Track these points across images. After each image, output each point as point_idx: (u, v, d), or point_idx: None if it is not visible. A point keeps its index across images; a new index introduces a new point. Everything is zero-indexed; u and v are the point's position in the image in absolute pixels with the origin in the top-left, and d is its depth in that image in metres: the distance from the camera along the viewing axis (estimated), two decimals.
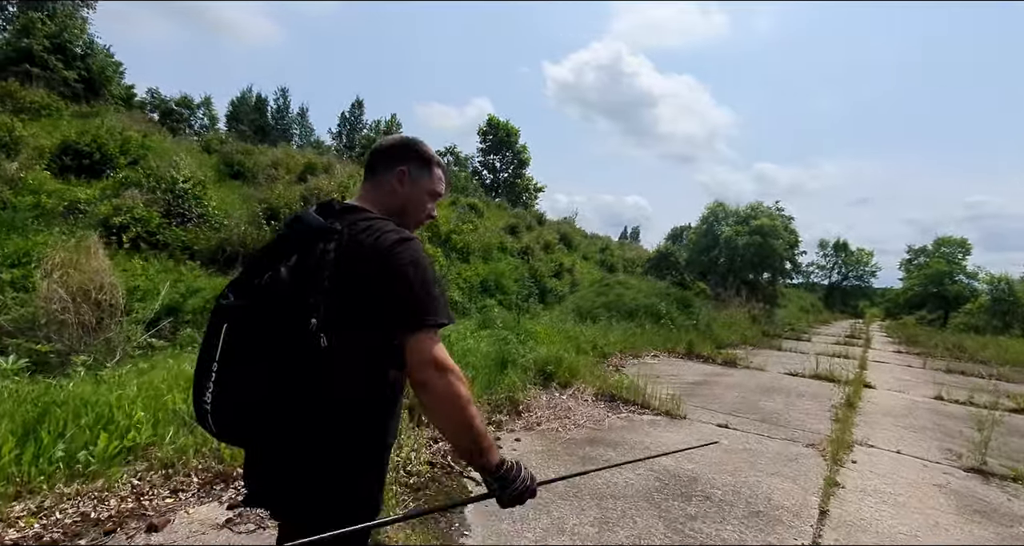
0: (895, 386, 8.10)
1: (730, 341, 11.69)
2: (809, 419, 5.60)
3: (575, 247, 23.98)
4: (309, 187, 12.38)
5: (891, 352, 13.69)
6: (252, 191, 11.79)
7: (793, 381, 7.81)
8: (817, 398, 6.67)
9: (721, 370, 8.41)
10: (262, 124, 53.16)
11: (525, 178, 34.43)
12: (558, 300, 14.12)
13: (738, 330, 12.99)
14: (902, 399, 7.09)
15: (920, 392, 7.72)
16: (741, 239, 20.26)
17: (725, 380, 7.54)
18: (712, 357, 9.23)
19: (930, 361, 11.85)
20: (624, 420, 5.14)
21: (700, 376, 7.72)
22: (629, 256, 26.41)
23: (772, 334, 15.28)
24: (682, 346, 9.71)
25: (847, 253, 45.37)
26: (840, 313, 42.39)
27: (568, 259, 18.85)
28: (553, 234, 23.39)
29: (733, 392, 6.72)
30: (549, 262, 16.78)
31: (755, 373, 8.33)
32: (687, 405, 5.84)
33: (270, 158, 14.98)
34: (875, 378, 8.64)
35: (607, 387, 5.87)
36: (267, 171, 13.69)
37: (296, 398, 1.09)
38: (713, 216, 22.65)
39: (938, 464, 4.50)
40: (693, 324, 11.50)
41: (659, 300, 11.91)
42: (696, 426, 5.08)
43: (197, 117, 44.01)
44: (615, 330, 9.86)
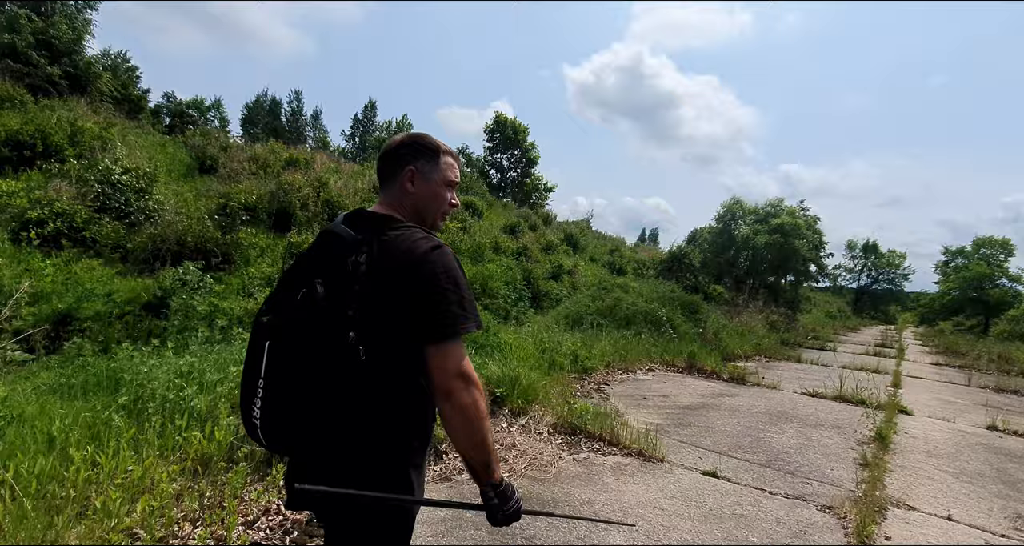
0: (937, 411, 6.72)
1: (742, 352, 10.36)
2: (828, 462, 4.34)
3: (582, 248, 22.72)
4: (281, 181, 11.49)
5: (928, 364, 12.14)
6: (219, 186, 10.92)
7: (811, 404, 6.51)
8: (840, 429, 5.38)
9: (725, 389, 7.14)
10: (276, 127, 53.42)
11: (534, 177, 33.23)
12: (555, 304, 12.96)
13: (752, 339, 11.62)
14: (947, 430, 5.75)
15: (968, 419, 6.34)
16: (760, 239, 18.79)
17: (728, 402, 6.28)
18: (716, 372, 7.95)
19: (975, 376, 10.33)
20: (582, 464, 3.97)
21: (698, 397, 6.47)
22: (641, 258, 25.01)
23: (792, 343, 13.83)
24: (682, 359, 8.46)
25: (877, 255, 42.97)
26: (870, 319, 40.12)
27: (569, 261, 17.63)
28: (558, 235, 22.22)
29: (735, 420, 5.47)
30: (547, 264, 15.61)
31: (766, 393, 7.04)
32: (672, 440, 4.64)
33: (250, 153, 14.16)
34: (912, 399, 7.26)
35: (570, 416, 4.70)
36: (239, 166, 12.85)
37: (339, 410, 1.12)
38: (730, 214, 21.21)
39: (1004, 538, 3.23)
40: (699, 332, 10.21)
41: (660, 305, 10.64)
42: (675, 474, 3.88)
43: (208, 119, 44.24)
44: (605, 339, 8.65)
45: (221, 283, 7.80)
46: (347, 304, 1.09)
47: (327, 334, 1.09)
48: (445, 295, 1.11)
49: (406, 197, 1.30)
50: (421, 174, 1.30)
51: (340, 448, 1.14)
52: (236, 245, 8.65)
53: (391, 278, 1.11)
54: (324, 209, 11.54)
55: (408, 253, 1.12)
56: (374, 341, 1.10)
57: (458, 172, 1.38)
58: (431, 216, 1.34)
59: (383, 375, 1.12)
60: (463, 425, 1.10)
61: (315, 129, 63.61)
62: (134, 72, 44.70)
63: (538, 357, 6.75)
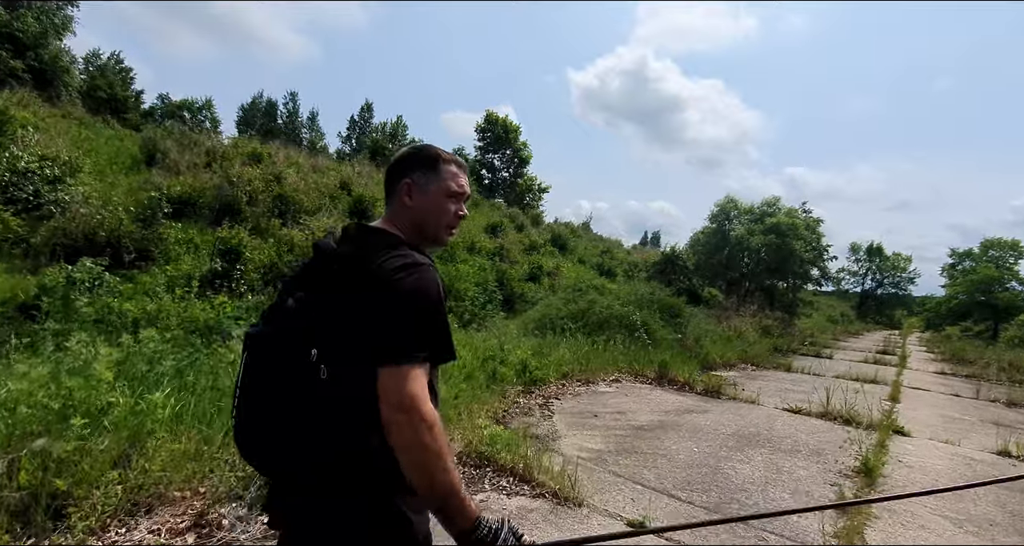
0: (939, 431, 5.78)
1: (725, 360, 9.44)
2: (796, 504, 3.43)
3: (570, 250, 21.86)
4: (230, 175, 10.69)
5: (932, 374, 11.16)
6: (160, 179, 10.13)
7: (792, 423, 5.59)
8: (820, 456, 4.47)
9: (695, 403, 6.23)
10: (271, 128, 53.05)
11: (527, 178, 32.42)
12: (531, 307, 12.08)
13: (739, 345, 10.69)
14: (950, 457, 4.82)
15: (976, 441, 5.41)
16: (755, 239, 17.83)
17: (693, 421, 5.38)
18: (689, 383, 7.04)
19: (983, 387, 9.35)
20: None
21: (660, 414, 5.57)
22: (633, 260, 24.10)
23: (786, 349, 12.88)
24: (653, 368, 7.55)
25: (882, 258, 41.80)
26: (875, 323, 38.92)
27: (552, 262, 16.75)
28: (544, 235, 21.37)
29: (694, 444, 4.57)
30: (526, 265, 14.73)
31: (741, 409, 6.13)
32: (606, 473, 3.75)
33: (209, 146, 13.39)
34: (911, 416, 6.33)
35: (478, 443, 3.82)
36: (193, 159, 12.07)
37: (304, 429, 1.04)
38: (724, 214, 20.26)
39: None
40: (678, 338, 9.30)
41: (637, 308, 9.74)
42: (590, 524, 2.98)
43: (199, 120, 43.75)
44: (565, 346, 7.76)
45: (131, 282, 7.00)
46: (313, 320, 1.06)
47: (292, 350, 1.04)
48: (402, 316, 1.02)
49: (404, 211, 1.22)
50: (418, 186, 1.21)
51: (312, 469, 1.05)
52: (158, 240, 7.84)
53: (358, 295, 1.05)
54: (276, 205, 10.74)
55: (377, 270, 1.05)
56: (337, 361, 1.03)
57: (464, 181, 1.26)
58: (432, 230, 1.23)
59: (349, 397, 1.02)
60: (410, 466, 0.97)
61: (312, 131, 63.24)
62: (128, 73, 44.33)
63: (477, 368, 5.88)
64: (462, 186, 1.24)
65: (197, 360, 4.26)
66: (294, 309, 1.08)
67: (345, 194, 13.64)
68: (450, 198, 1.23)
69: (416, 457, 0.96)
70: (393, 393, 0.96)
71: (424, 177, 1.21)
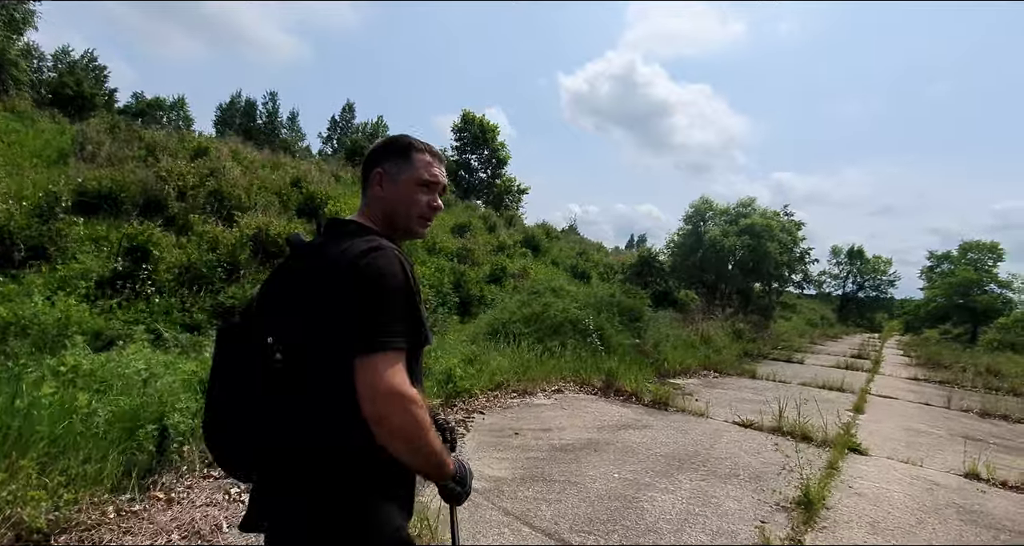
0: (901, 448, 5.22)
1: (685, 366, 8.85)
2: None
3: (543, 251, 21.26)
4: (159, 168, 9.94)
5: (904, 379, 10.67)
6: (76, 173, 9.35)
7: (739, 439, 4.99)
8: (759, 482, 3.86)
9: (638, 417, 5.62)
10: (249, 128, 52.14)
11: (505, 178, 31.82)
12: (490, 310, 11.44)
13: (703, 350, 10.12)
14: (910, 481, 4.23)
15: (942, 461, 4.85)
16: (729, 241, 17.37)
17: (628, 439, 4.76)
18: (637, 394, 6.43)
19: (957, 394, 8.87)
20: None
21: (592, 431, 4.94)
22: (609, 262, 23.57)
23: (757, 354, 12.37)
24: (600, 377, 6.93)
25: (863, 261, 41.76)
26: (856, 326, 38.80)
27: (519, 263, 16.12)
28: (516, 236, 20.76)
29: (618, 469, 3.94)
30: (489, 266, 14.10)
31: (687, 423, 5.52)
32: (496, 509, 3.11)
33: (150, 140, 12.61)
34: (873, 430, 5.78)
35: None
36: (129, 152, 11.29)
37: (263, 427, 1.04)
38: (699, 215, 19.80)
39: None
40: (636, 344, 8.70)
41: (595, 311, 9.13)
42: None
43: (171, 118, 42.66)
44: (504, 353, 7.12)
45: (17, 282, 6.26)
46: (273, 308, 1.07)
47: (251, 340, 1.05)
48: (371, 301, 0.97)
49: (376, 202, 1.20)
50: (389, 176, 1.19)
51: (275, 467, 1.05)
52: (57, 237, 7.09)
53: (322, 282, 1.02)
54: (211, 200, 10.00)
55: (340, 256, 1.03)
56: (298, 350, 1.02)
57: (437, 171, 1.22)
58: (403, 220, 1.20)
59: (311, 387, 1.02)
60: (404, 449, 0.97)
61: (291, 131, 62.37)
62: (102, 71, 43.18)
63: None
64: (435, 176, 1.20)
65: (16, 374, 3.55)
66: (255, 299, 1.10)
67: (297, 191, 12.92)
68: (421, 187, 1.19)
69: (411, 436, 0.96)
70: (378, 382, 0.92)
71: (395, 166, 1.19)
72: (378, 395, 0.92)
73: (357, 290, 0.97)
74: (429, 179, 1.19)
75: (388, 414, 0.93)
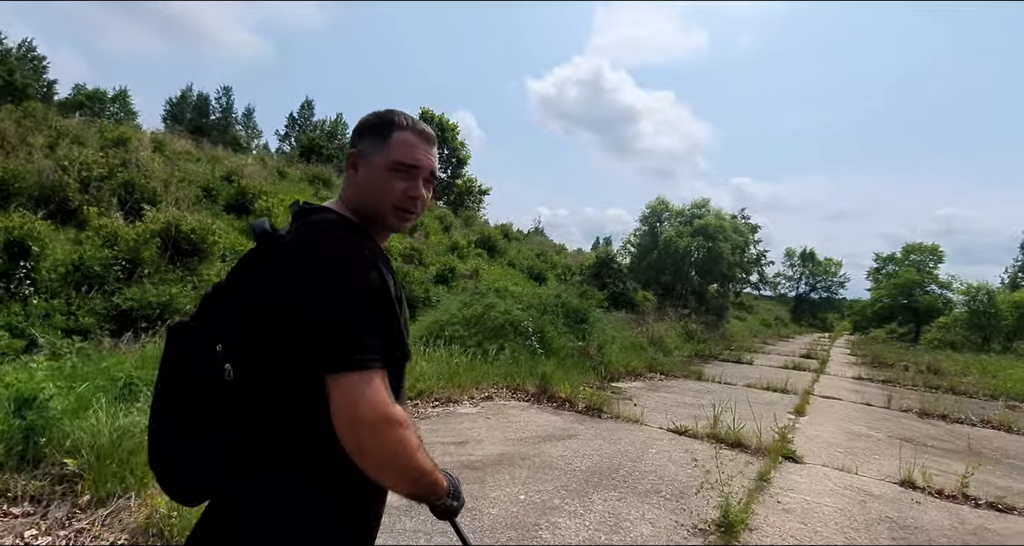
0: (838, 454, 4.96)
1: (630, 369, 8.54)
2: None
3: (500, 252, 20.83)
4: (59, 158, 9.01)
5: (850, 379, 10.68)
6: None
7: (669, 448, 4.62)
8: (681, 500, 3.48)
9: (566, 426, 5.20)
10: (201, 124, 50.06)
11: (466, 179, 31.27)
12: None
13: (651, 352, 9.85)
14: (843, 491, 3.94)
15: (878, 467, 4.60)
16: (683, 241, 17.33)
17: (546, 453, 4.31)
18: (571, 400, 6.02)
19: (898, 393, 8.86)
20: None
21: (510, 444, 4.48)
22: (567, 263, 23.32)
23: (707, 355, 12.23)
24: (534, 382, 6.50)
25: (814, 263, 43.07)
26: (809, 326, 39.93)
27: (471, 264, 15.63)
28: (471, 237, 20.26)
29: (525, 489, 3.49)
30: (437, 266, 13.55)
31: (618, 431, 5.13)
32: None
33: (60, 128, 11.53)
34: (812, 434, 5.53)
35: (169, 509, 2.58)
36: (29, 141, 10.25)
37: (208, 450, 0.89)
38: (655, 216, 19.76)
39: None
40: (579, 346, 8.32)
41: (539, 313, 8.73)
42: None
43: (110, 111, 40.41)
44: (428, 359, 6.61)
45: None
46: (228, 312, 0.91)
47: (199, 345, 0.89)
48: (328, 308, 0.82)
49: (350, 188, 1.03)
50: (363, 157, 1.01)
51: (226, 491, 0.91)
52: None
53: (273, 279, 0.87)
54: (120, 191, 9.13)
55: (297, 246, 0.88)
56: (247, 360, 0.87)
57: (419, 154, 1.00)
58: (375, 211, 1.01)
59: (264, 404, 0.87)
60: (394, 479, 0.85)
61: (247, 128, 60.23)
62: (40, 62, 40.50)
63: None
64: (415, 159, 1.00)
65: None
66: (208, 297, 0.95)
67: (228, 185, 12.07)
68: (396, 172, 0.99)
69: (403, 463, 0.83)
70: (355, 406, 0.79)
71: (371, 146, 1.01)
72: (358, 422, 0.80)
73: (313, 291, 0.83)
74: (405, 162, 0.99)
75: (373, 443, 0.80)
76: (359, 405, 0.79)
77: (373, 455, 0.81)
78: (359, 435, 0.80)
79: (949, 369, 12.62)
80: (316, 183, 18.13)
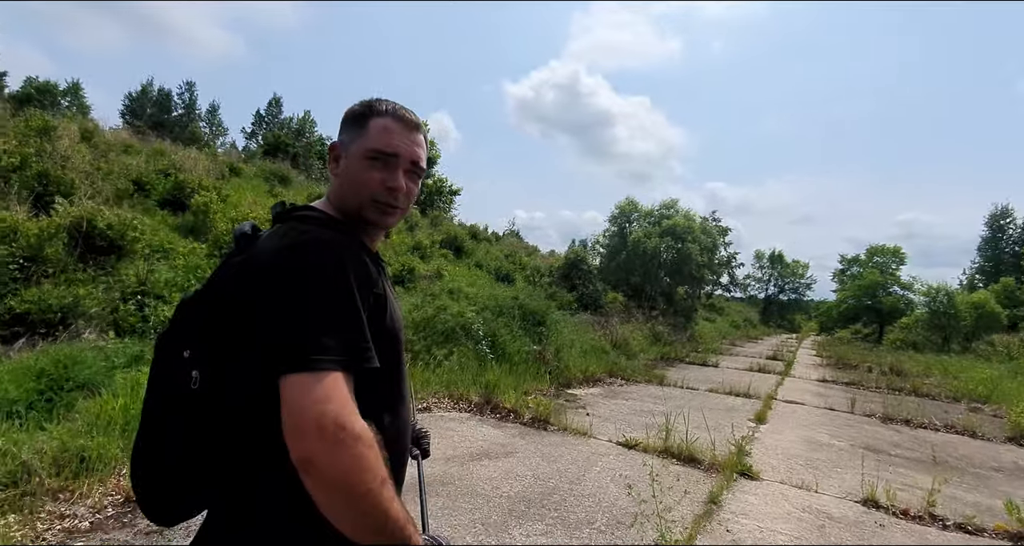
0: (796, 467, 4.58)
1: (589, 374, 8.11)
2: None
3: (468, 253, 20.27)
4: None
5: (815, 382, 10.47)
6: None
7: (615, 465, 4.17)
8: (616, 532, 3.01)
9: (507, 440, 4.70)
10: (162, 120, 48.40)
11: (436, 178, 30.61)
12: None
13: (611, 356, 9.45)
14: (799, 514, 3.53)
15: (838, 482, 4.23)
16: (651, 242, 17.07)
17: (475, 475, 3.80)
18: (517, 410, 5.52)
19: (862, 395, 8.64)
20: None
21: (437, 465, 3.94)
22: (536, 265, 22.91)
23: (672, 358, 11.93)
24: (478, 391, 5.99)
25: (783, 265, 43.71)
26: (777, 327, 40.41)
27: (434, 265, 15.05)
28: (438, 237, 19.67)
29: (433, 524, 2.97)
30: (392, 267, 12.93)
31: (563, 445, 4.66)
32: None
33: None
34: (771, 444, 5.16)
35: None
36: None
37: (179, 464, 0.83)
38: (624, 216, 19.50)
39: None
40: (534, 351, 7.84)
41: (493, 315, 8.23)
42: None
43: (61, 105, 38.59)
44: None
45: None
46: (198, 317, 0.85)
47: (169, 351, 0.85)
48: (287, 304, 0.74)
49: (333, 183, 0.96)
50: (343, 148, 0.95)
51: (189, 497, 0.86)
52: None
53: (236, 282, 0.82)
54: (34, 183, 8.28)
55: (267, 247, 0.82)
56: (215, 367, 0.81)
57: (398, 140, 0.91)
58: (354, 205, 0.93)
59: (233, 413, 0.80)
60: (337, 507, 0.68)
61: (211, 124, 58.53)
62: None
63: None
64: (392, 147, 0.91)
65: None
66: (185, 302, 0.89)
67: (165, 179, 11.23)
68: (372, 161, 0.91)
69: (345, 500, 0.68)
70: (304, 410, 0.68)
71: (349, 136, 0.94)
72: (301, 430, 0.68)
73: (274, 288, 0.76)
74: (380, 149, 0.90)
75: (319, 455, 0.66)
76: (305, 409, 0.68)
77: (318, 472, 0.67)
78: (303, 444, 0.68)
79: (912, 370, 12.59)
80: (271, 180, 17.28)
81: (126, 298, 6.79)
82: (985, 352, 16.88)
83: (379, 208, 0.92)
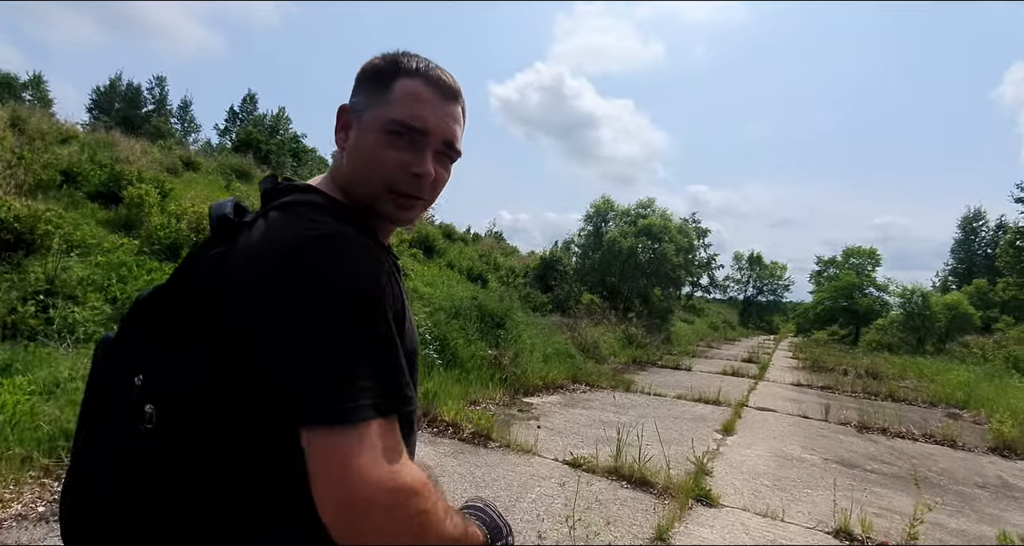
0: (764, 487, 4.08)
1: (552, 380, 7.56)
2: None
3: (440, 252, 19.65)
4: None
5: (789, 386, 10.08)
6: None
7: (552, 492, 3.60)
8: None
9: (439, 460, 4.11)
10: (130, 115, 46.89)
11: None
12: None
13: (577, 361, 8.93)
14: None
15: (809, 508, 3.72)
16: (627, 241, 16.65)
17: None
18: (457, 424, 4.94)
19: (837, 401, 8.24)
20: None
21: None
22: (511, 265, 22.39)
23: (644, 361, 11.46)
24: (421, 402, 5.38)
25: (761, 266, 43.88)
26: (756, 328, 40.50)
27: (401, 264, 14.38)
28: (407, 236, 19.03)
29: None
30: None
31: (504, 464, 4.09)
32: None
33: None
34: (735, 461, 4.65)
35: None
36: None
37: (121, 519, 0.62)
38: (600, 216, 19.07)
39: None
40: (490, 358, 7.26)
41: (447, 317, 7.64)
42: None
43: (21, 98, 37.04)
44: None
45: None
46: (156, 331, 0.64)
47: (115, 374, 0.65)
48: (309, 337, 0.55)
49: (338, 161, 0.75)
50: (355, 115, 0.72)
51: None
52: None
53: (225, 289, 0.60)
54: None
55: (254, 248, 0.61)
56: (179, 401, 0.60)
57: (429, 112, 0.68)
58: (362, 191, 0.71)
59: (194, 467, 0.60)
60: None
61: (183, 121, 57.04)
62: None
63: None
64: (421, 119, 0.68)
65: None
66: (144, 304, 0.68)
67: (100, 170, 10.42)
68: (393, 136, 0.68)
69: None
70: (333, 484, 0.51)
71: (366, 98, 0.71)
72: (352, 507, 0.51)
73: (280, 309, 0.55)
74: (406, 121, 0.67)
75: (374, 528, 0.52)
76: (352, 480, 0.51)
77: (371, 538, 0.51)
78: (355, 521, 0.51)
79: (887, 372, 12.32)
80: (229, 175, 16.47)
81: (26, 298, 6.06)
82: (960, 353, 16.80)
83: (396, 201, 0.71)
